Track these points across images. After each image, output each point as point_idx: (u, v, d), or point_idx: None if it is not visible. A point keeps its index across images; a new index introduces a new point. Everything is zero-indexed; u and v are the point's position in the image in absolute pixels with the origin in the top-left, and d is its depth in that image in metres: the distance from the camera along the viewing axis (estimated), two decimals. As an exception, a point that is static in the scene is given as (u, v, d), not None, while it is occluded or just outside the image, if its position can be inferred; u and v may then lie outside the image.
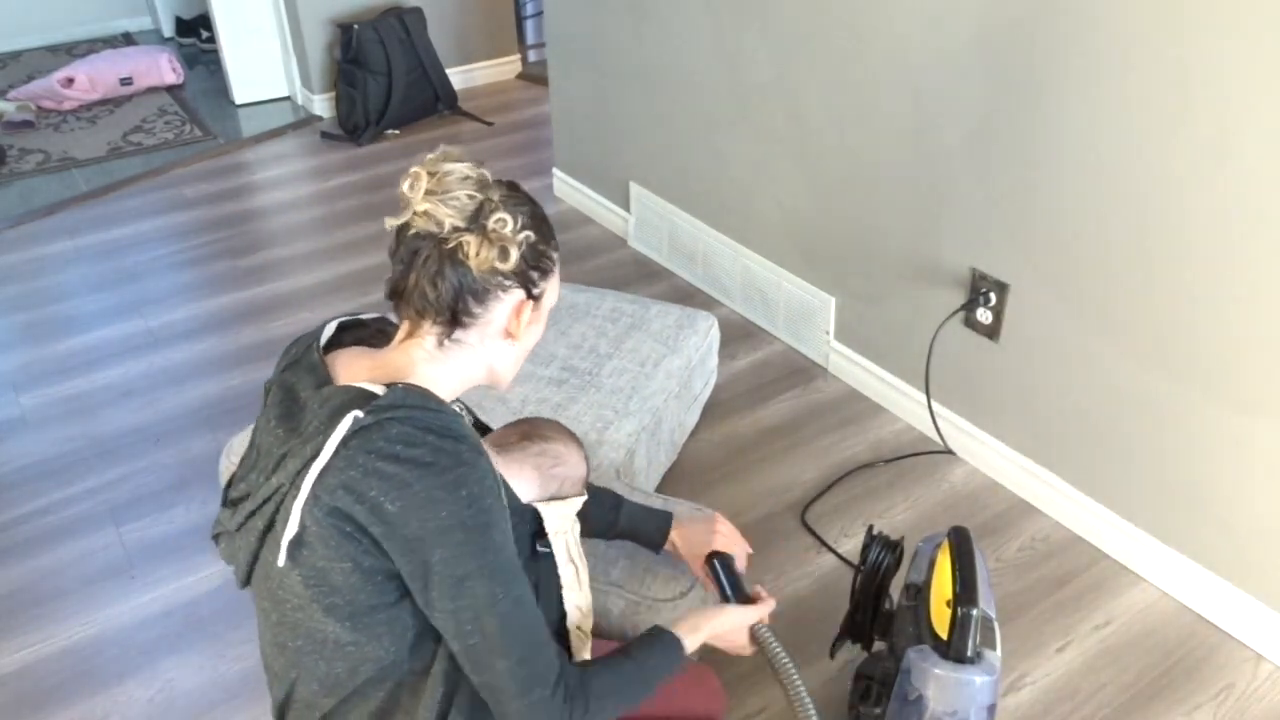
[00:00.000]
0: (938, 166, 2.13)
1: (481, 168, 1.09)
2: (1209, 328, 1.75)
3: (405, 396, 1.01)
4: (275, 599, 1.06)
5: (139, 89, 4.57)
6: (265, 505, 1.03)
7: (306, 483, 0.98)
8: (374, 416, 0.98)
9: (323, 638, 1.05)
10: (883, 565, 1.56)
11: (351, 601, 1.02)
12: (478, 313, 1.07)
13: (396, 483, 0.97)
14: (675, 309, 2.38)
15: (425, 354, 1.08)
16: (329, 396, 1.02)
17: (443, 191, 1.05)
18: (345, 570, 1.00)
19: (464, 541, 0.99)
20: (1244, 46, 1.54)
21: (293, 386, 1.08)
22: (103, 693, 1.83)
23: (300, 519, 0.99)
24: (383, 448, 0.97)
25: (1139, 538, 2.00)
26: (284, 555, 1.01)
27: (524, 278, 1.09)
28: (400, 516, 0.97)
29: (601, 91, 3.15)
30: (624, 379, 2.15)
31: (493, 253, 1.04)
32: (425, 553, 0.98)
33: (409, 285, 1.06)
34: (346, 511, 0.97)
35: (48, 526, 2.19)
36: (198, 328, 2.89)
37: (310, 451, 0.99)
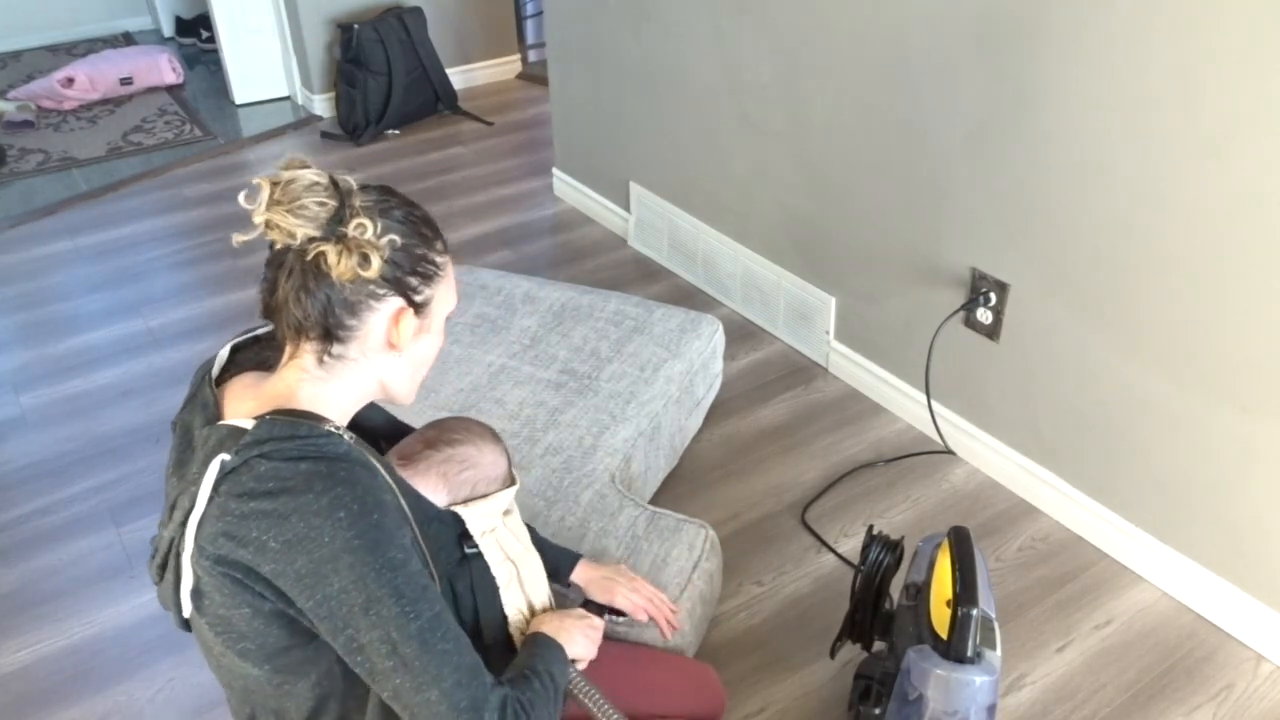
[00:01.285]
0: (938, 167, 2.13)
1: (346, 174, 1.02)
2: (1209, 327, 1.74)
3: (271, 429, 0.96)
4: (203, 644, 1.05)
5: (139, 89, 4.57)
6: (168, 557, 1.01)
7: (189, 534, 0.95)
8: (240, 457, 0.94)
9: (254, 679, 1.03)
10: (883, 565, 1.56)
11: (262, 645, 0.99)
12: (352, 325, 1.01)
13: (274, 518, 0.93)
14: (680, 312, 2.38)
15: (307, 375, 1.03)
16: (207, 438, 0.99)
17: (289, 201, 0.97)
18: (246, 616, 0.97)
19: (354, 565, 0.94)
20: (1244, 46, 1.54)
21: (189, 426, 1.04)
22: (103, 693, 1.83)
23: (192, 570, 0.96)
24: (253, 488, 0.93)
25: (1139, 538, 2.00)
26: (187, 606, 0.99)
27: (400, 285, 1.02)
28: (285, 553, 0.93)
29: (601, 91, 3.15)
30: (623, 383, 2.14)
31: (353, 260, 0.97)
32: (321, 587, 0.94)
33: (278, 302, 1.01)
34: (232, 558, 0.94)
35: (48, 526, 2.19)
36: (198, 328, 2.89)
37: (189, 501, 0.96)
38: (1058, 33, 1.80)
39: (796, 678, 1.81)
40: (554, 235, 3.35)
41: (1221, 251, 1.68)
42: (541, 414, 2.04)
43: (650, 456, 2.11)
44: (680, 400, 2.22)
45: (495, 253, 3.24)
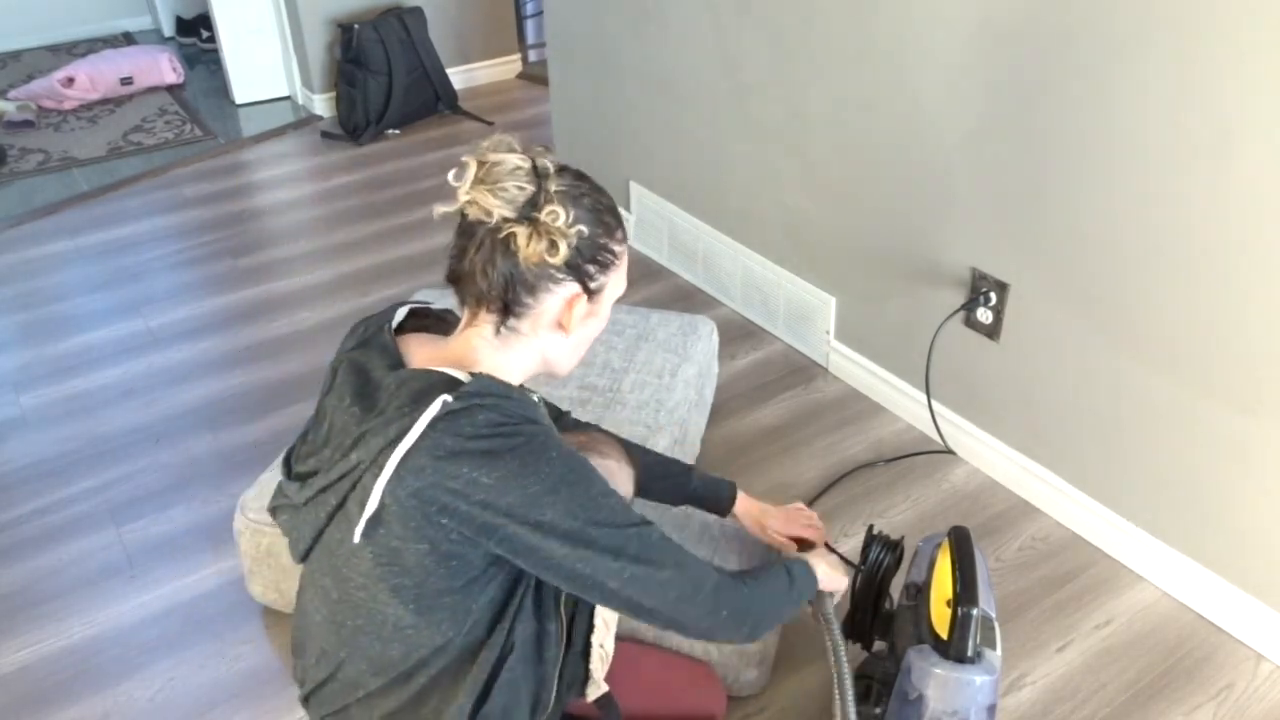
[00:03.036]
0: (938, 166, 2.13)
1: (545, 156, 1.09)
2: (1210, 327, 1.74)
3: (490, 385, 1.03)
4: (339, 576, 1.07)
5: (139, 89, 4.57)
6: (340, 482, 1.03)
7: (391, 461, 0.99)
8: (462, 402, 1.00)
9: (383, 619, 1.06)
10: (883, 565, 1.56)
11: (420, 584, 1.03)
12: (529, 303, 1.08)
13: (488, 458, 0.99)
14: (674, 316, 2.38)
15: (486, 342, 1.10)
16: (408, 379, 1.03)
17: (491, 182, 1.05)
18: (420, 552, 1.01)
19: (571, 496, 1.02)
20: (1244, 45, 1.54)
21: (364, 366, 1.09)
22: (103, 693, 1.83)
23: (381, 497, 0.99)
24: (470, 431, 0.99)
25: (1139, 537, 2.00)
26: (359, 532, 1.01)
27: (578, 271, 1.09)
28: (498, 487, 0.99)
29: (601, 91, 3.15)
30: (646, 392, 2.13)
31: (542, 245, 1.04)
32: (535, 514, 1.00)
33: (464, 270, 1.08)
34: (432, 492, 0.98)
35: (48, 526, 2.19)
36: (198, 327, 2.89)
37: (395, 432, 0.99)
38: (1058, 32, 1.80)
39: (796, 678, 1.81)
40: (554, 235, 3.34)
41: (1222, 251, 1.68)
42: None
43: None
44: (698, 404, 2.24)
45: (495, 252, 3.23)
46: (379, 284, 3.07)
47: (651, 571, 1.07)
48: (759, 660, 1.70)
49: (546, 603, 1.17)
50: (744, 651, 1.67)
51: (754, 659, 1.69)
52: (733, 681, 1.70)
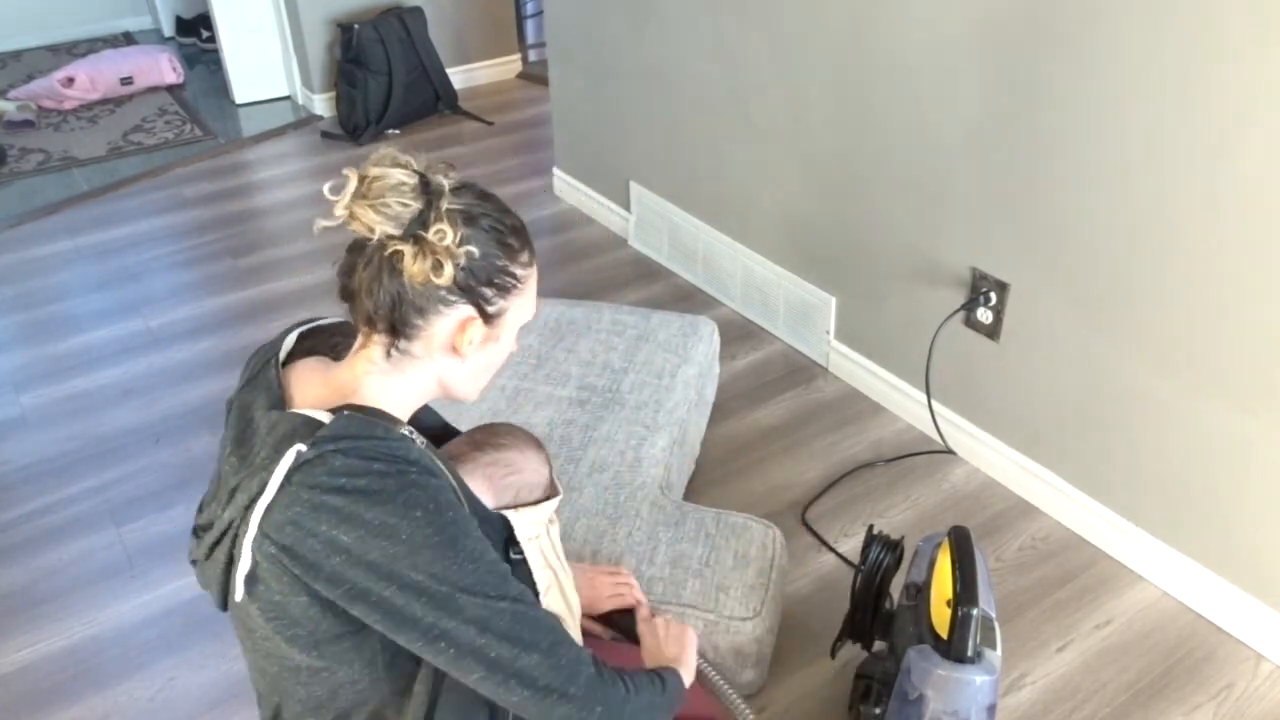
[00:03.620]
0: (938, 166, 2.13)
1: (445, 173, 1.03)
2: (1209, 327, 1.74)
3: (348, 426, 0.96)
4: (246, 628, 1.04)
5: (139, 88, 4.57)
6: (223, 538, 1.00)
7: (253, 519, 0.94)
8: (316, 450, 0.94)
9: (294, 665, 1.02)
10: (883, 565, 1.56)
11: (313, 632, 0.99)
12: (419, 324, 1.02)
13: (345, 515, 0.93)
14: (675, 317, 2.38)
15: (374, 367, 1.04)
16: (275, 424, 0.98)
17: (373, 197, 0.98)
18: (303, 604, 0.97)
19: (434, 559, 0.94)
20: (1244, 45, 1.54)
21: (248, 407, 1.04)
22: (103, 693, 1.83)
23: (251, 555, 0.96)
24: (325, 481, 0.93)
25: (1139, 537, 2.00)
26: (240, 591, 0.98)
27: (472, 294, 1.02)
28: (358, 547, 0.93)
29: (601, 91, 3.15)
30: (645, 393, 2.13)
31: (426, 265, 0.98)
32: (396, 581, 0.93)
33: (353, 287, 1.03)
34: (297, 549, 0.93)
35: (48, 526, 2.19)
36: (198, 327, 2.89)
37: (256, 486, 0.95)
38: (1058, 32, 1.79)
39: (796, 678, 1.81)
40: (554, 235, 3.35)
41: (1222, 251, 1.68)
42: (575, 432, 2.02)
43: (681, 462, 2.12)
44: (698, 404, 2.24)
45: (495, 252, 3.23)
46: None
47: (519, 653, 0.98)
48: (756, 660, 1.70)
49: None
50: (741, 652, 1.67)
51: (751, 659, 1.69)
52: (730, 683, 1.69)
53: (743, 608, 1.66)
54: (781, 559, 1.80)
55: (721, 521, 1.83)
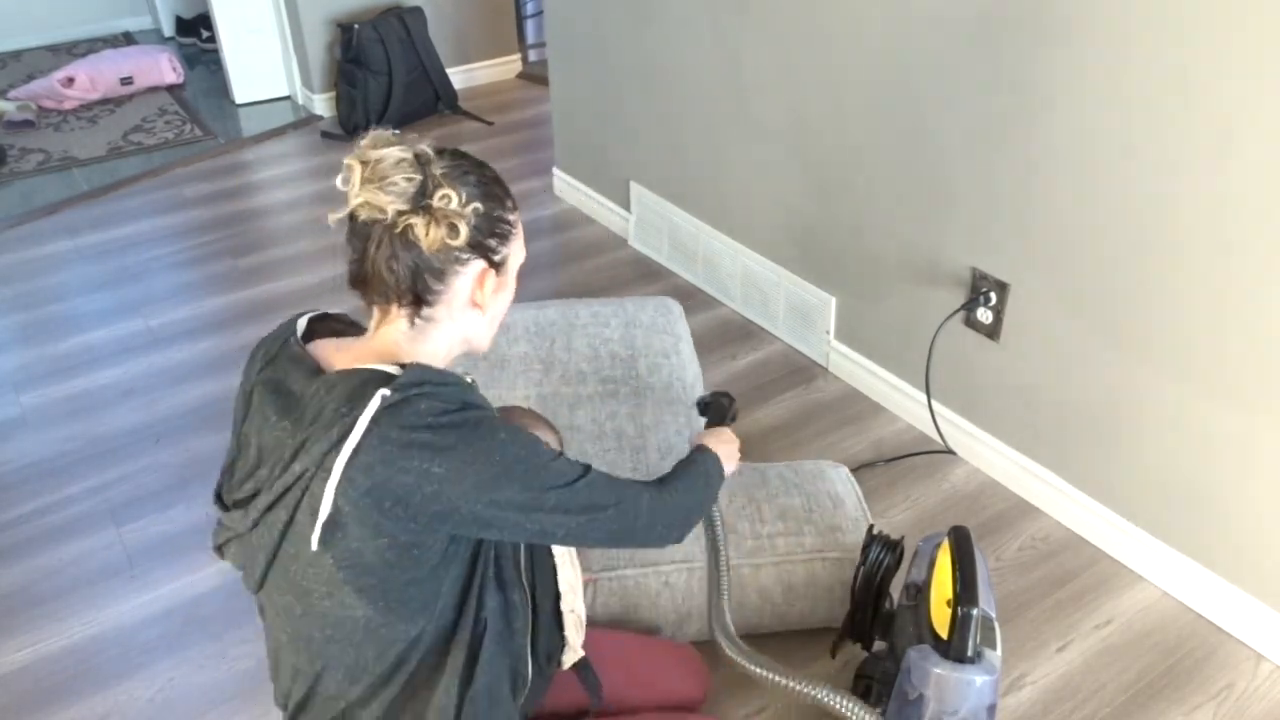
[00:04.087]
0: (938, 166, 2.13)
1: (420, 144, 1.08)
2: (1209, 327, 1.74)
3: (425, 374, 1.02)
4: (300, 590, 1.06)
5: (139, 88, 4.57)
6: (286, 495, 1.02)
7: (339, 464, 0.98)
8: (401, 394, 0.99)
9: (352, 623, 1.06)
10: (883, 565, 1.56)
11: (385, 580, 1.03)
12: (439, 289, 1.08)
13: (437, 448, 0.99)
14: (643, 300, 2.46)
15: (404, 336, 1.09)
16: (337, 381, 1.02)
17: (379, 179, 1.03)
18: (381, 548, 1.01)
19: (524, 472, 1.04)
20: (1244, 45, 1.54)
21: (281, 382, 1.07)
22: (103, 692, 1.83)
23: (334, 501, 0.98)
24: (414, 421, 0.99)
25: (1139, 537, 2.00)
26: (316, 539, 1.00)
27: (481, 248, 1.09)
28: (451, 475, 0.99)
29: (601, 91, 3.15)
30: (664, 373, 2.18)
31: (441, 230, 1.04)
32: (490, 495, 1.02)
33: (367, 272, 1.07)
34: (388, 485, 0.98)
35: (48, 526, 2.19)
36: (198, 327, 2.89)
37: (337, 434, 0.98)
38: (1058, 32, 1.79)
39: (796, 678, 1.81)
40: (554, 235, 3.35)
41: (1221, 251, 1.68)
42: (625, 424, 2.05)
43: None
44: (701, 376, 2.31)
45: (495, 252, 3.23)
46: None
47: (596, 515, 1.12)
48: None
49: (507, 572, 1.17)
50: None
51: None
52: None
53: (860, 539, 1.80)
54: (858, 491, 1.94)
55: (798, 471, 1.95)
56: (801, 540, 1.80)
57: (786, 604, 1.81)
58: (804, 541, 1.79)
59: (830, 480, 1.93)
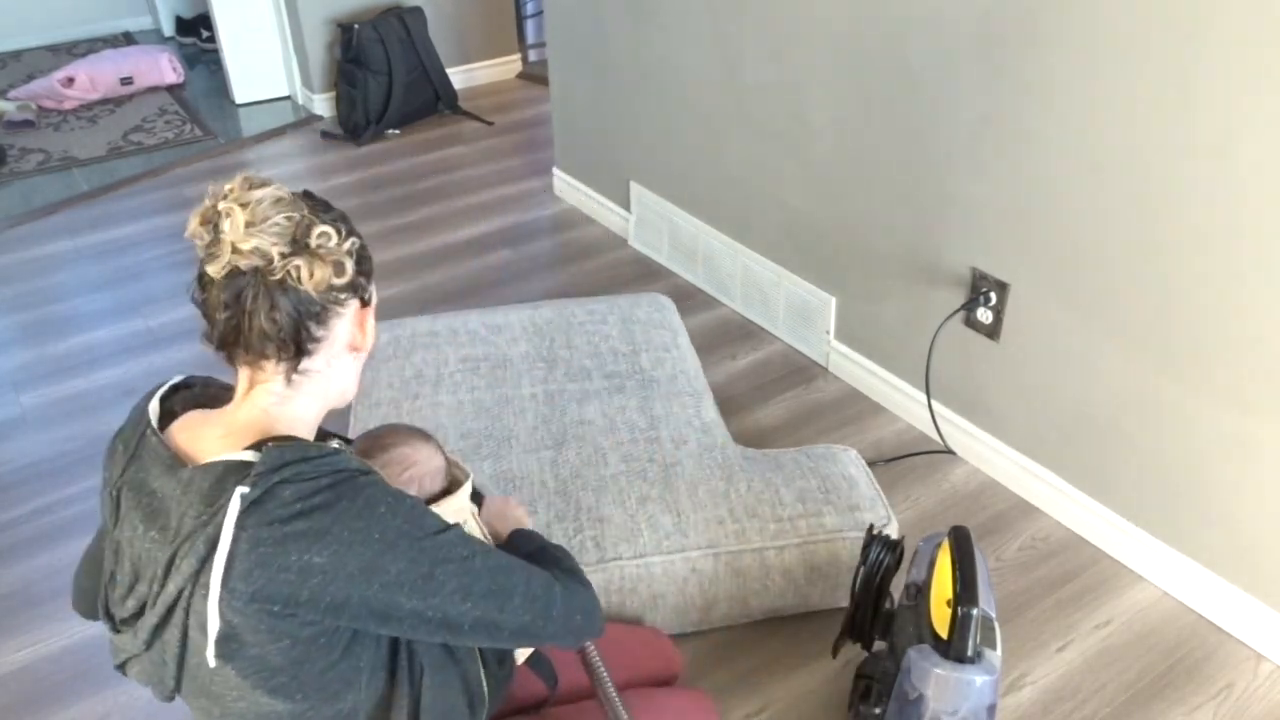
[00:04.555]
0: (938, 166, 2.13)
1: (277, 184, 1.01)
2: (1209, 327, 1.74)
3: (282, 455, 0.94)
4: (212, 695, 1.00)
5: (139, 88, 4.57)
6: (172, 614, 0.96)
7: (214, 579, 0.91)
8: (260, 487, 0.91)
9: (275, 716, 1.01)
10: (883, 565, 1.56)
11: (296, 675, 0.97)
12: (321, 335, 1.00)
13: (313, 536, 0.92)
14: (636, 297, 2.47)
15: (276, 398, 1.01)
16: (192, 480, 0.94)
17: (261, 221, 0.94)
18: (284, 648, 0.95)
19: (410, 546, 0.96)
20: (1245, 44, 1.54)
21: (144, 482, 0.99)
22: (103, 693, 1.83)
23: (220, 616, 0.92)
24: (282, 514, 0.91)
25: (1139, 537, 2.00)
26: (213, 656, 0.94)
27: (356, 287, 1.03)
28: (334, 563, 0.92)
29: (601, 91, 3.15)
30: (667, 367, 2.20)
31: (327, 271, 0.97)
32: (379, 577, 0.94)
33: (244, 330, 0.98)
34: (270, 590, 0.91)
35: (48, 526, 2.19)
36: (198, 327, 2.88)
37: (204, 546, 0.91)
38: (1058, 32, 1.79)
39: (796, 678, 1.81)
40: (554, 235, 3.35)
41: (1221, 250, 1.68)
42: (636, 417, 2.07)
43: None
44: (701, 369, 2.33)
45: (495, 252, 3.24)
46: (379, 283, 3.07)
47: (501, 603, 1.03)
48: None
49: None
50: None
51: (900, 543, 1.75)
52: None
53: (878, 517, 1.85)
54: (868, 469, 1.99)
55: (809, 455, 1.98)
56: (822, 521, 1.83)
57: (809, 584, 1.84)
58: (825, 522, 1.83)
59: (842, 463, 1.96)
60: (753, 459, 1.97)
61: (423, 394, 2.14)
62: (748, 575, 1.81)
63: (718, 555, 1.79)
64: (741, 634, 1.89)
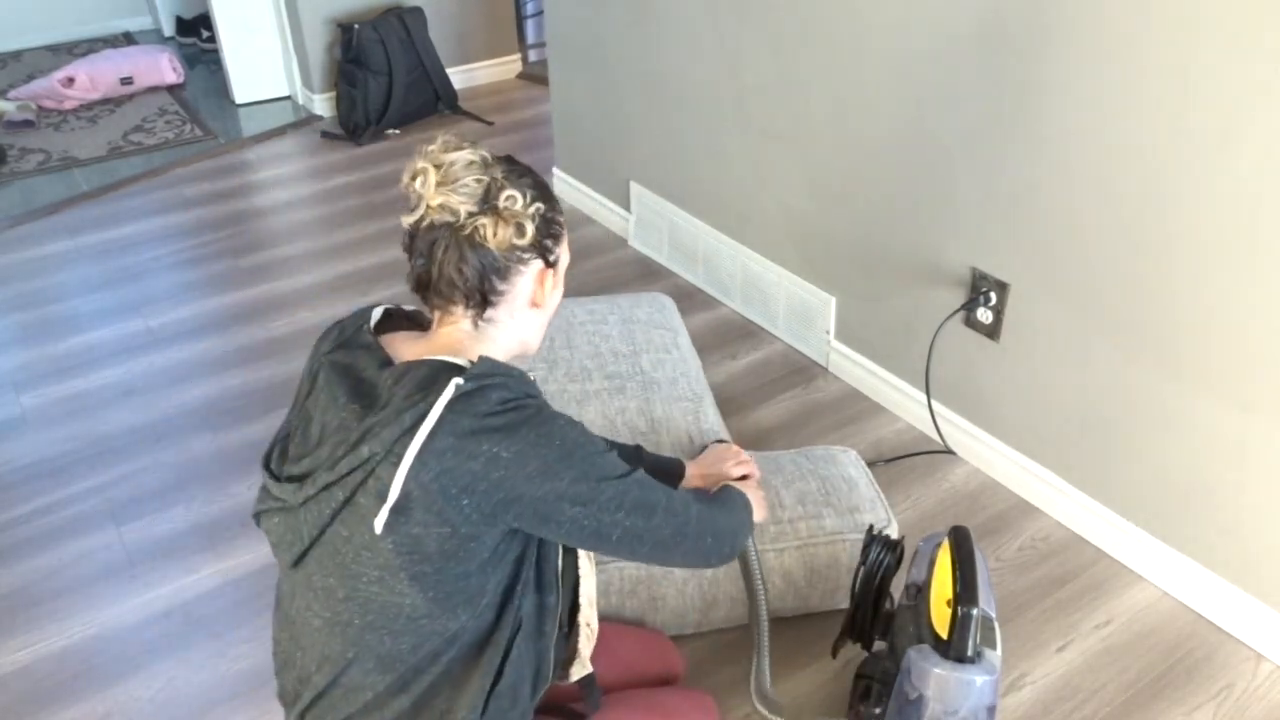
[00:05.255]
0: (938, 166, 2.13)
1: (479, 147, 1.12)
2: (1209, 326, 1.74)
3: (496, 366, 1.06)
4: (347, 574, 1.07)
5: (139, 88, 4.57)
6: (349, 477, 1.04)
7: (412, 448, 1.00)
8: (474, 383, 1.03)
9: (397, 611, 1.07)
10: (883, 565, 1.56)
11: (440, 569, 1.05)
12: (504, 289, 1.12)
13: (505, 433, 1.02)
14: (637, 297, 2.46)
15: (467, 335, 1.13)
16: (408, 370, 1.05)
17: (452, 181, 1.08)
18: (443, 536, 1.03)
19: (582, 458, 1.07)
20: (1244, 44, 1.54)
21: (351, 365, 1.11)
22: (103, 693, 1.83)
23: (403, 485, 1.01)
24: (485, 409, 1.02)
25: (1139, 537, 2.00)
26: (381, 524, 1.02)
27: (540, 248, 1.13)
28: (518, 459, 1.03)
29: (601, 91, 3.15)
30: (667, 368, 2.19)
31: (509, 231, 1.09)
32: (552, 481, 1.04)
33: (433, 276, 1.10)
34: (456, 473, 1.01)
35: (48, 526, 2.19)
36: (198, 327, 2.89)
37: (410, 419, 1.01)
38: (1058, 32, 1.80)
39: (796, 678, 1.81)
40: (554, 235, 3.34)
41: (1221, 250, 1.68)
42: (636, 418, 2.06)
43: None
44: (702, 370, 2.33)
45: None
46: (379, 284, 3.07)
47: (647, 517, 1.14)
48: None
49: (546, 575, 1.19)
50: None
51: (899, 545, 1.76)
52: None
53: (878, 518, 1.85)
54: (869, 473, 1.99)
55: (808, 456, 1.98)
56: (822, 523, 1.83)
57: (809, 586, 1.84)
58: (824, 524, 1.83)
59: (842, 464, 1.96)
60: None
61: (423, 394, 2.14)
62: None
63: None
64: (741, 634, 1.89)
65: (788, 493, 1.88)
